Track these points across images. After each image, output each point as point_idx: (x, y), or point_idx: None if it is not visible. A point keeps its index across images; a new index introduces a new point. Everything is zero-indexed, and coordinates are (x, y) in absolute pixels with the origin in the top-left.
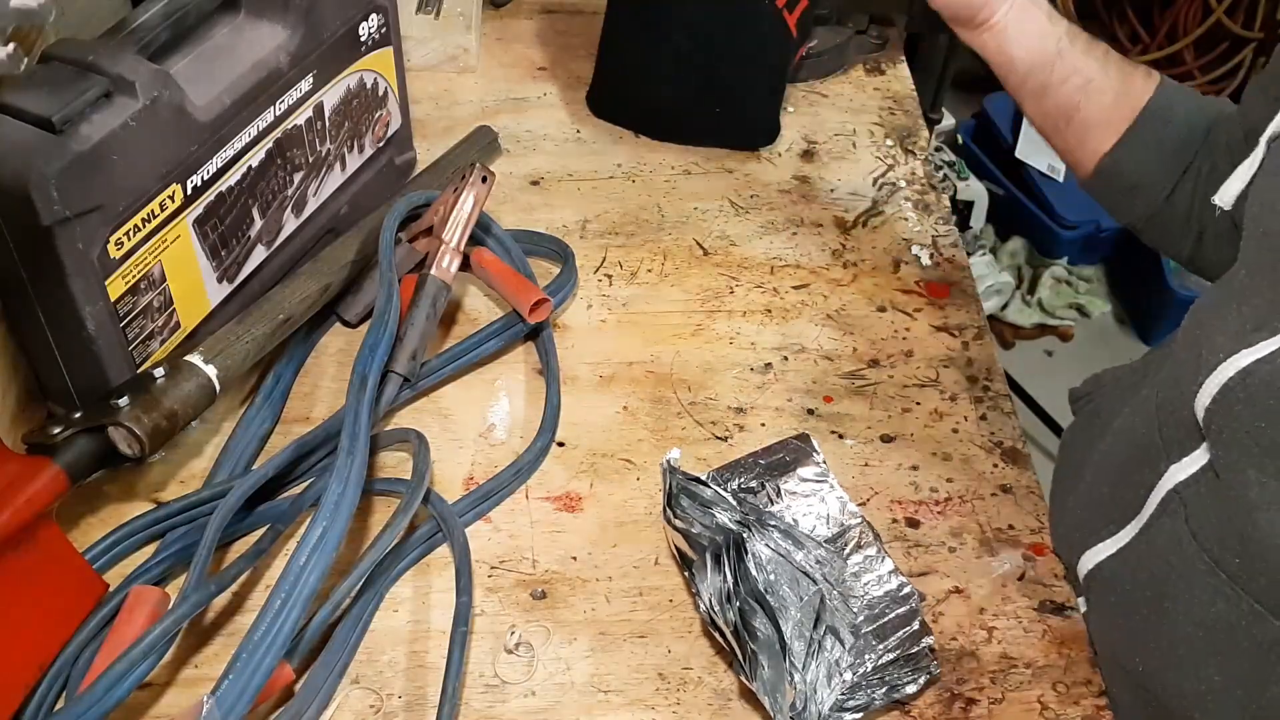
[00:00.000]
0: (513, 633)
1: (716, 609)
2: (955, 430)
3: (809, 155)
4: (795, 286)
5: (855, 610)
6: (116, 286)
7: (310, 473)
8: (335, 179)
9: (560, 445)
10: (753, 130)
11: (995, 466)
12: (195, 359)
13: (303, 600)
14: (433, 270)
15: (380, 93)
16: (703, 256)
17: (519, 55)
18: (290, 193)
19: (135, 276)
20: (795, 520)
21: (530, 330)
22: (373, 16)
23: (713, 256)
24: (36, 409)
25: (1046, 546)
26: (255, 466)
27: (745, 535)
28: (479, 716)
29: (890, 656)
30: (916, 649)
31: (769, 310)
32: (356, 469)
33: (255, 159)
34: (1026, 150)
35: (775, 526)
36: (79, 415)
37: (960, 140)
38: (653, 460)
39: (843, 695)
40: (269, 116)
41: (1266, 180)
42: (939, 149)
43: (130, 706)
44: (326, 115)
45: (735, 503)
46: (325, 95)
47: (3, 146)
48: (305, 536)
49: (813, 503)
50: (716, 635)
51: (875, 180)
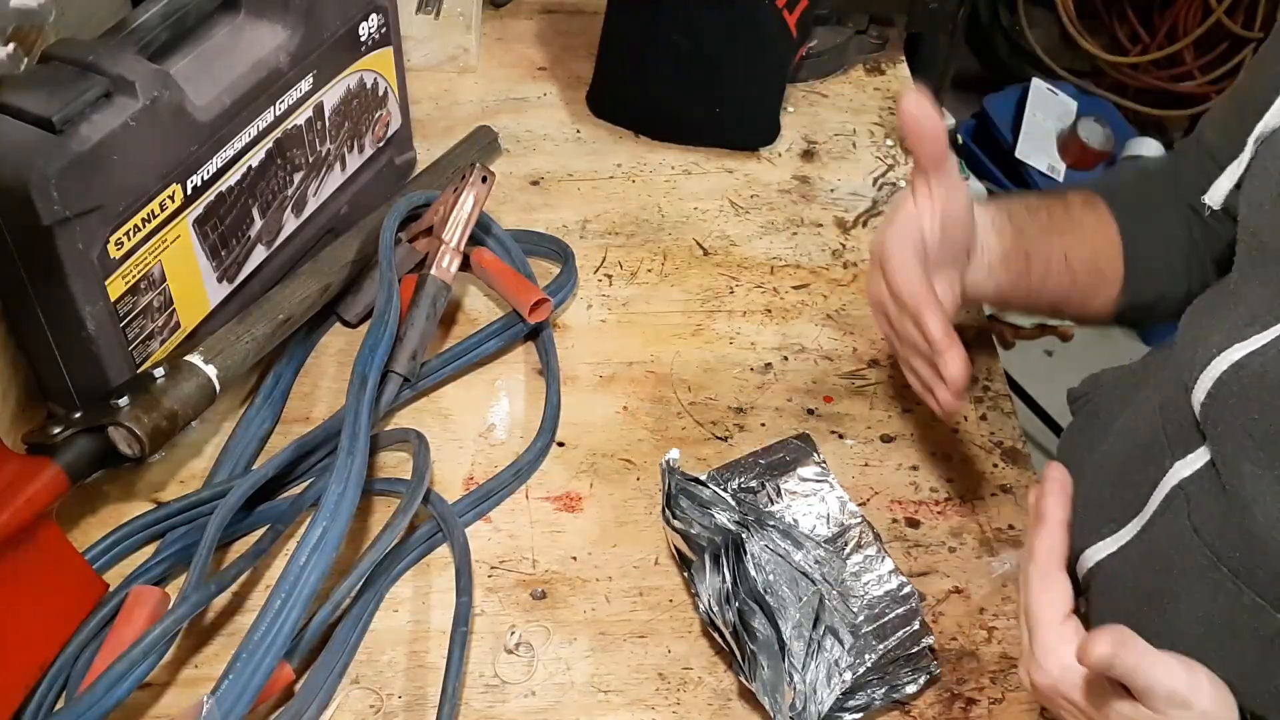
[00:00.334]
0: (513, 633)
1: (715, 610)
2: (955, 430)
3: (809, 155)
4: (795, 286)
5: (855, 610)
6: (116, 286)
7: (310, 473)
8: (335, 179)
9: (560, 445)
10: (753, 130)
11: (995, 466)
12: (195, 359)
13: (303, 600)
14: (433, 270)
15: (380, 93)
16: (703, 256)
17: (519, 55)
18: (290, 193)
19: (135, 276)
20: (795, 520)
21: (530, 330)
22: (373, 16)
23: (713, 256)
24: (36, 409)
25: None
26: (255, 466)
27: (744, 536)
28: (479, 716)
29: (890, 656)
30: (916, 649)
31: (769, 310)
32: (356, 469)
33: (255, 159)
34: (1026, 150)
35: (774, 527)
36: (79, 415)
37: (960, 140)
38: (653, 460)
39: (842, 695)
40: (269, 116)
41: (1253, 180)
42: None
43: (130, 706)
44: (326, 115)
45: (734, 503)
46: (325, 95)
47: (3, 146)
48: (305, 536)
49: (813, 502)
50: (716, 636)
51: (875, 180)
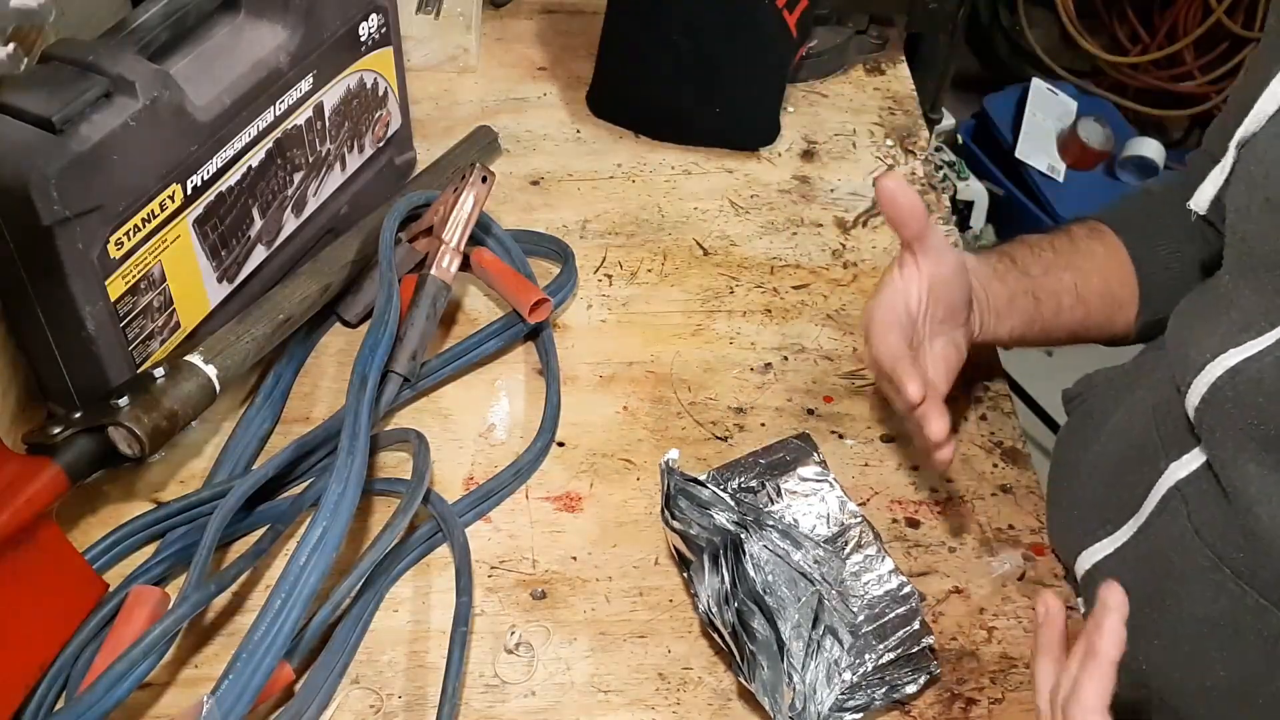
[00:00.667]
0: (513, 633)
1: (714, 610)
2: (955, 430)
3: (809, 155)
4: (795, 286)
5: (855, 610)
6: (116, 286)
7: (310, 473)
8: (335, 179)
9: (560, 445)
10: (753, 130)
11: (995, 466)
12: (195, 359)
13: (303, 600)
14: (433, 270)
15: (380, 93)
16: (703, 256)
17: (519, 55)
18: (290, 193)
19: (135, 276)
20: (795, 520)
21: (530, 330)
22: (373, 16)
23: (713, 256)
24: (36, 409)
25: (1046, 546)
26: (255, 466)
27: (743, 536)
28: (479, 716)
29: (890, 656)
30: (917, 649)
31: (769, 310)
32: (356, 469)
33: (255, 159)
34: (1026, 150)
35: (773, 527)
36: (79, 415)
37: (960, 140)
38: (653, 460)
39: (842, 695)
40: (269, 116)
41: (1237, 185)
42: (939, 149)
43: (130, 706)
44: (326, 115)
45: (733, 503)
46: (325, 95)
47: (3, 146)
48: (305, 536)
49: (813, 502)
50: (715, 636)
51: (875, 180)
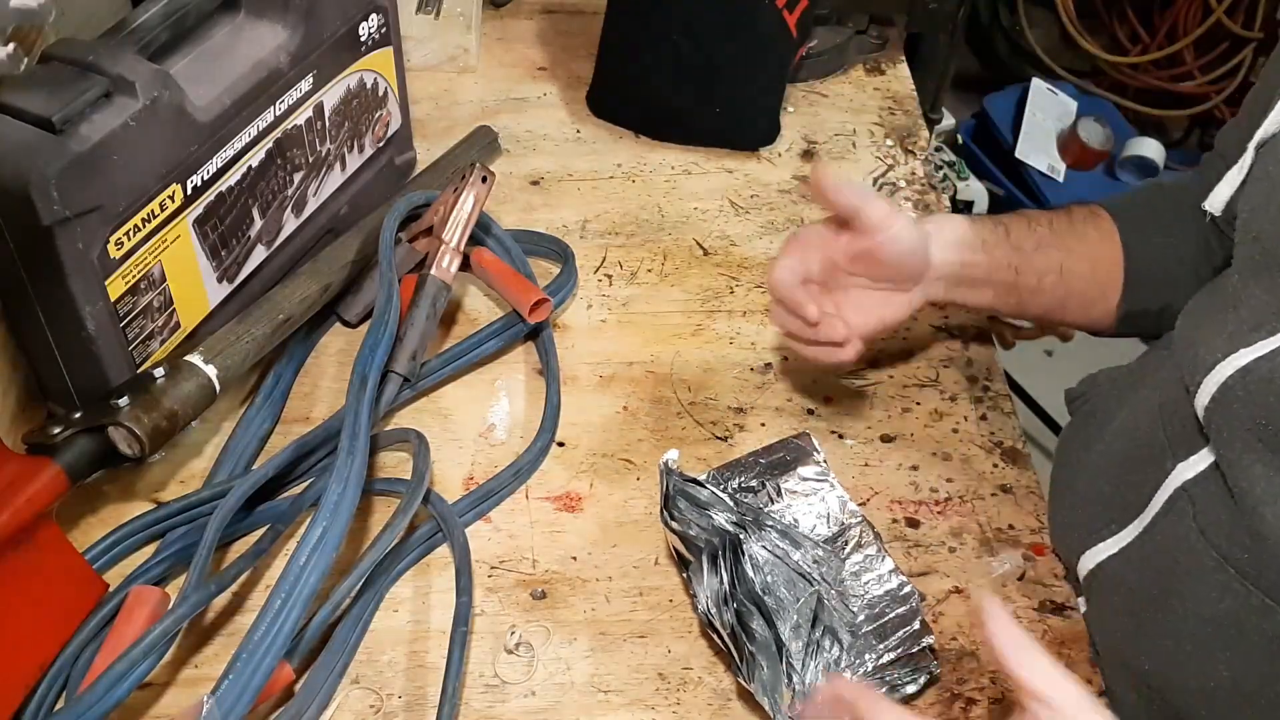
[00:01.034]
0: (513, 633)
1: (714, 611)
2: (955, 430)
3: (809, 155)
4: None
5: (855, 610)
6: (116, 286)
7: (310, 473)
8: (335, 179)
9: (560, 445)
10: (753, 130)
11: (995, 466)
12: (195, 359)
13: (303, 600)
14: (433, 270)
15: (380, 93)
16: (703, 256)
17: (519, 55)
18: (290, 193)
19: (135, 276)
20: (795, 520)
21: (530, 330)
22: (373, 16)
23: (713, 256)
24: (36, 409)
25: (1046, 546)
26: (255, 466)
27: (741, 537)
28: (479, 716)
29: (890, 656)
30: (917, 649)
31: (769, 310)
32: (356, 469)
33: (255, 159)
34: (1026, 150)
35: (773, 527)
36: (79, 415)
37: (960, 140)
38: (653, 460)
39: None
40: (269, 116)
41: (1255, 185)
42: (939, 149)
43: (130, 706)
44: (326, 115)
45: (732, 504)
46: (325, 95)
47: (3, 146)
48: (305, 536)
49: (813, 501)
50: (715, 637)
51: (875, 180)
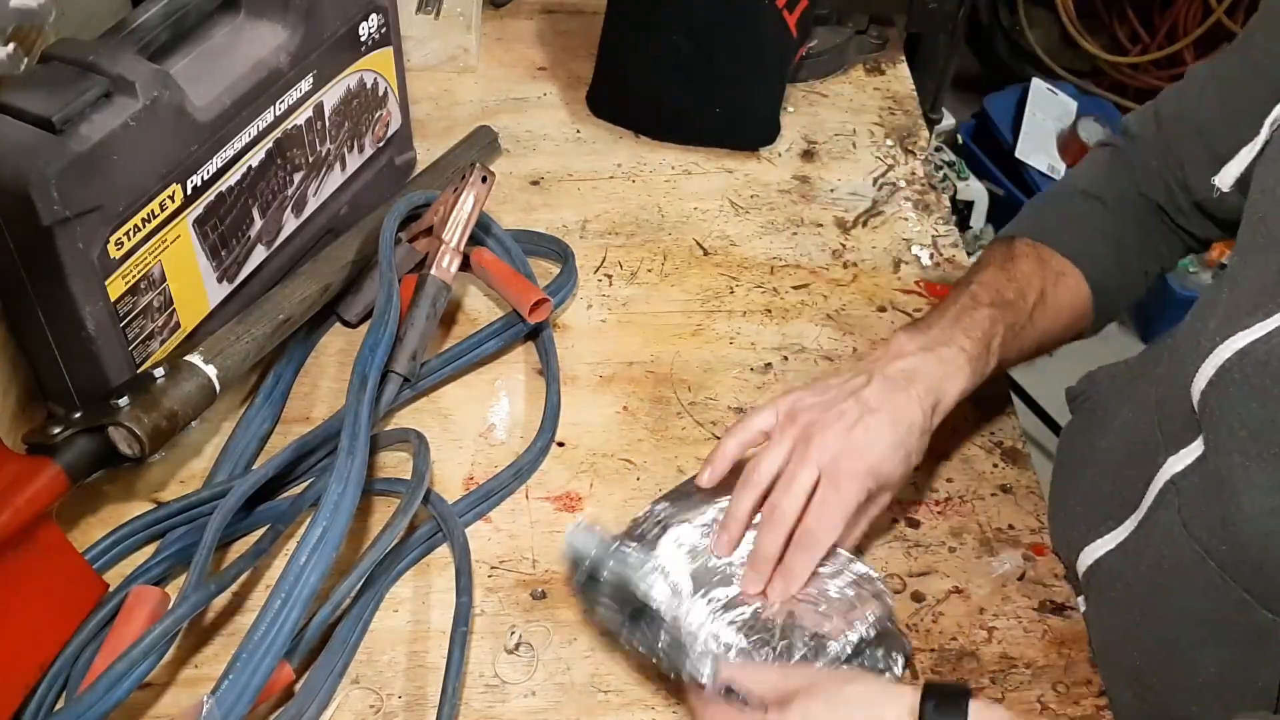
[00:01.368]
0: (513, 633)
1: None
2: (955, 430)
3: (809, 155)
4: (795, 286)
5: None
6: (116, 286)
7: (310, 473)
8: (335, 179)
9: (560, 445)
10: (753, 130)
11: (995, 466)
12: (195, 359)
13: (303, 600)
14: (433, 270)
15: (380, 93)
16: (703, 256)
17: (519, 55)
18: (290, 193)
19: (135, 276)
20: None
21: (530, 330)
22: (373, 16)
23: (713, 256)
24: (36, 409)
25: (1046, 546)
26: (255, 466)
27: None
28: (479, 716)
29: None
30: (878, 633)
31: (769, 310)
32: (356, 469)
33: (255, 159)
34: (1026, 150)
35: (656, 618)
36: (79, 415)
37: (960, 140)
38: (653, 460)
39: None
40: (269, 116)
41: (1266, 165)
42: (939, 149)
43: (130, 706)
44: (326, 115)
45: (610, 597)
46: (325, 95)
47: (3, 146)
48: (305, 536)
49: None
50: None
51: (875, 180)
